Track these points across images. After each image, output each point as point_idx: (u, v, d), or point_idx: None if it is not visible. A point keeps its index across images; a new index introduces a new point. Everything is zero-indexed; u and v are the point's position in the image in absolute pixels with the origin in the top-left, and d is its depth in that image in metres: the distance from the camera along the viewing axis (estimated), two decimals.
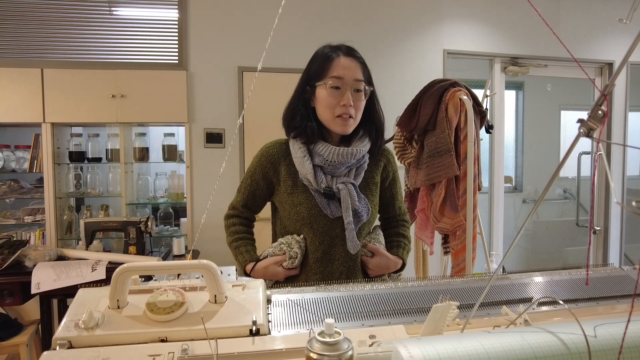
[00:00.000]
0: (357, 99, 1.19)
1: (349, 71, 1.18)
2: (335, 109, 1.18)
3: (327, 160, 1.20)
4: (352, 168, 1.23)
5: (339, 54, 1.19)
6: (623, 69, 1.04)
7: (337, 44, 1.24)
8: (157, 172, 3.07)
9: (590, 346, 0.50)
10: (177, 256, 2.60)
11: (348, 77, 1.17)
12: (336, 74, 1.17)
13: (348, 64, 1.18)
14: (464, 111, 1.86)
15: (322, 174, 1.21)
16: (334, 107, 1.18)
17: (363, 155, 1.24)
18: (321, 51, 1.23)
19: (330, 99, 1.18)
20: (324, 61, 1.19)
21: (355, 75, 1.18)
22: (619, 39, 3.59)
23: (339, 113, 1.18)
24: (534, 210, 0.64)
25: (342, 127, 1.20)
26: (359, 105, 1.21)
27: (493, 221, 3.53)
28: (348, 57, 1.19)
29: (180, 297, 0.72)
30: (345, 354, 0.54)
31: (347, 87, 1.17)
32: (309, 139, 1.22)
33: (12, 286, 2.26)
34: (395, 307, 0.80)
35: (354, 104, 1.18)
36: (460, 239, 1.91)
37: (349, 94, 1.17)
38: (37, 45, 2.82)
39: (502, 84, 3.50)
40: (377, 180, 1.30)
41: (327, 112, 1.19)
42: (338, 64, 1.18)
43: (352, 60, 1.19)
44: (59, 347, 0.65)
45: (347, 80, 1.17)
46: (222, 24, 2.98)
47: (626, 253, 3.78)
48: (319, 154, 1.20)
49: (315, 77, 1.20)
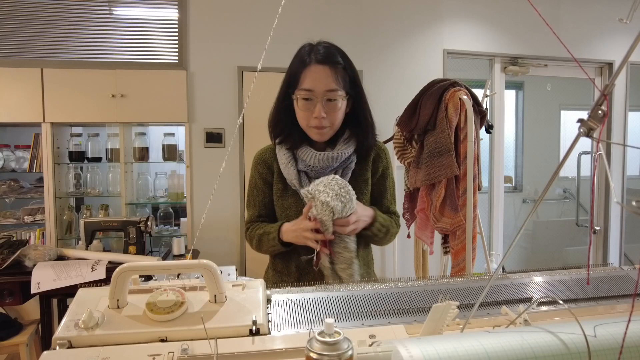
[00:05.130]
0: (331, 109, 1.15)
1: (320, 82, 1.12)
2: (309, 120, 1.16)
3: (310, 166, 1.19)
4: (337, 170, 1.22)
5: (311, 62, 1.14)
6: (623, 68, 1.04)
7: (316, 43, 1.19)
8: (157, 172, 3.07)
9: (590, 346, 0.50)
10: (177, 256, 2.60)
11: (319, 89, 1.13)
12: (306, 86, 1.13)
13: (319, 74, 1.13)
14: (463, 111, 1.86)
15: (306, 179, 1.20)
16: (307, 118, 1.16)
17: (347, 157, 1.21)
18: (297, 54, 1.19)
19: (303, 112, 1.16)
20: (298, 67, 1.16)
21: (327, 86, 1.13)
22: (619, 39, 3.59)
23: (313, 124, 1.16)
24: (533, 210, 0.64)
25: (317, 136, 1.19)
26: (335, 115, 1.17)
27: (493, 221, 3.53)
28: (320, 65, 1.13)
29: (180, 297, 0.72)
30: (345, 354, 0.54)
31: (318, 99, 1.13)
32: (293, 144, 1.21)
33: (12, 286, 2.26)
34: (395, 307, 0.80)
35: (327, 115, 1.15)
36: (460, 239, 1.91)
37: (320, 106, 1.13)
38: (37, 45, 2.82)
39: (502, 83, 3.50)
40: (366, 177, 1.27)
41: (302, 122, 1.18)
42: (309, 74, 1.13)
43: (324, 68, 1.13)
44: (59, 347, 0.65)
45: (318, 92, 1.13)
46: (222, 24, 2.98)
47: (626, 253, 3.78)
48: (302, 159, 1.20)
49: (291, 83, 1.17)
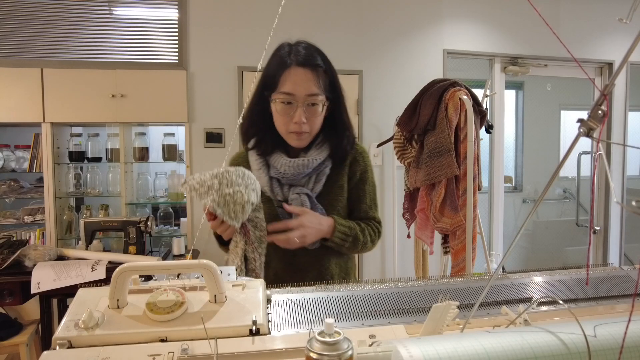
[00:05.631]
0: (312, 114, 1.11)
1: (301, 86, 1.07)
2: (288, 125, 1.11)
3: (281, 173, 1.15)
4: (311, 176, 1.17)
5: (292, 63, 1.08)
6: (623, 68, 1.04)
7: (295, 43, 1.13)
8: (157, 172, 3.07)
9: (590, 346, 0.50)
10: (177, 256, 2.60)
11: (300, 93, 1.08)
12: (287, 89, 1.08)
13: (300, 77, 1.08)
14: (463, 111, 1.87)
15: (278, 186, 1.17)
16: (286, 123, 1.11)
17: (321, 162, 1.17)
18: (275, 55, 1.13)
19: (282, 116, 1.11)
20: (277, 68, 1.09)
21: (308, 90, 1.08)
22: (619, 39, 3.59)
23: (292, 130, 1.12)
24: (533, 210, 0.64)
25: (296, 142, 1.14)
26: (314, 120, 1.13)
27: (493, 221, 3.53)
28: (301, 67, 1.08)
29: (180, 297, 0.72)
30: (345, 354, 0.54)
31: (299, 103, 1.08)
32: (265, 150, 1.17)
33: (12, 286, 2.26)
34: (395, 306, 0.80)
35: (307, 120, 1.10)
36: (460, 239, 1.91)
37: (300, 111, 1.09)
38: (37, 45, 2.82)
39: (502, 83, 3.50)
40: (342, 183, 1.22)
41: (281, 127, 1.14)
42: (289, 76, 1.08)
43: (305, 71, 1.08)
44: (59, 347, 0.65)
45: (299, 97, 1.08)
46: (222, 24, 2.98)
47: (626, 253, 3.78)
48: (274, 166, 1.16)
49: (269, 85, 1.12)
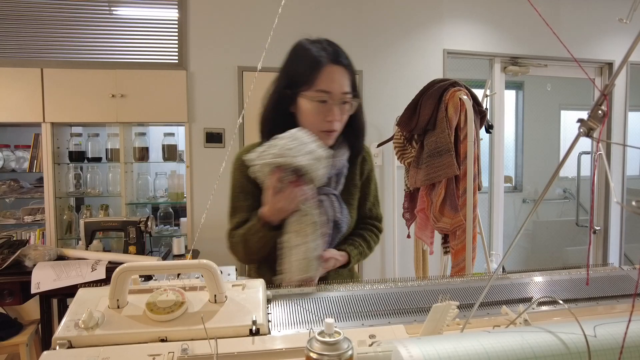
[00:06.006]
0: (343, 112, 1.11)
1: (337, 84, 1.07)
2: (321, 124, 1.09)
3: None
4: (331, 177, 1.17)
5: (327, 61, 1.07)
6: (623, 68, 1.04)
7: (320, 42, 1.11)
8: (157, 172, 3.07)
9: (590, 346, 0.50)
10: (177, 256, 2.60)
11: (336, 91, 1.07)
12: (324, 87, 1.06)
13: (336, 75, 1.08)
14: (463, 111, 1.87)
15: None
16: (319, 121, 1.09)
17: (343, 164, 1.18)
18: (304, 52, 1.11)
19: (316, 115, 1.09)
20: (310, 67, 1.07)
21: (343, 88, 1.08)
22: (619, 39, 3.59)
23: (325, 128, 1.10)
24: (533, 210, 0.64)
25: (325, 140, 1.12)
26: (344, 118, 1.13)
27: (493, 221, 3.53)
28: (335, 65, 1.08)
29: (180, 297, 0.72)
30: (345, 354, 0.54)
31: (334, 101, 1.08)
32: None
33: (12, 286, 2.26)
34: (395, 307, 0.80)
35: (339, 118, 1.11)
36: (460, 239, 1.91)
37: (335, 110, 1.08)
38: (37, 45, 2.82)
39: (502, 83, 3.50)
40: (356, 182, 1.24)
41: (311, 126, 1.10)
42: (325, 74, 1.06)
43: (339, 69, 1.08)
44: (59, 347, 0.65)
45: (335, 95, 1.07)
46: (222, 24, 2.98)
47: (626, 253, 3.78)
48: None
49: (299, 83, 1.09)
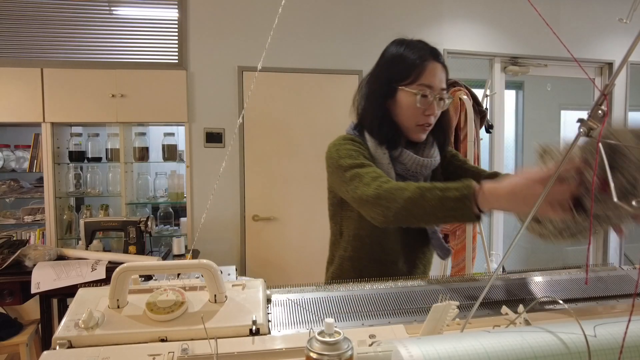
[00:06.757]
0: (439, 107, 1.14)
1: (437, 79, 1.11)
2: (419, 117, 1.12)
3: (409, 170, 1.15)
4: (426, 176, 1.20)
5: (430, 57, 1.11)
6: (623, 68, 1.04)
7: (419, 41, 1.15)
8: (157, 172, 3.07)
9: (590, 346, 0.50)
10: (177, 256, 2.60)
11: (437, 86, 1.11)
12: (427, 82, 1.10)
13: (437, 71, 1.11)
14: (463, 111, 1.87)
15: None
16: (418, 115, 1.12)
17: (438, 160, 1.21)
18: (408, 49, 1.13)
19: (416, 108, 1.11)
20: (414, 63, 1.10)
21: (442, 84, 1.12)
22: (619, 39, 3.59)
23: (422, 122, 1.13)
24: (534, 210, 0.64)
25: (421, 135, 1.16)
26: (438, 114, 1.16)
27: (493, 221, 3.53)
28: (437, 62, 1.12)
29: (180, 297, 0.72)
30: (345, 354, 0.54)
31: (435, 96, 1.11)
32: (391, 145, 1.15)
33: (12, 286, 2.26)
34: (395, 306, 0.80)
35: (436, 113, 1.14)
36: (460, 239, 1.91)
37: (435, 104, 1.11)
38: (37, 45, 2.82)
39: (502, 83, 3.50)
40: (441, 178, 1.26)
41: (409, 120, 1.13)
42: (428, 70, 1.10)
43: (439, 67, 1.12)
44: (59, 347, 0.65)
45: (436, 89, 1.11)
46: (222, 24, 2.98)
47: (626, 253, 3.78)
48: (400, 161, 1.15)
49: (401, 78, 1.11)
